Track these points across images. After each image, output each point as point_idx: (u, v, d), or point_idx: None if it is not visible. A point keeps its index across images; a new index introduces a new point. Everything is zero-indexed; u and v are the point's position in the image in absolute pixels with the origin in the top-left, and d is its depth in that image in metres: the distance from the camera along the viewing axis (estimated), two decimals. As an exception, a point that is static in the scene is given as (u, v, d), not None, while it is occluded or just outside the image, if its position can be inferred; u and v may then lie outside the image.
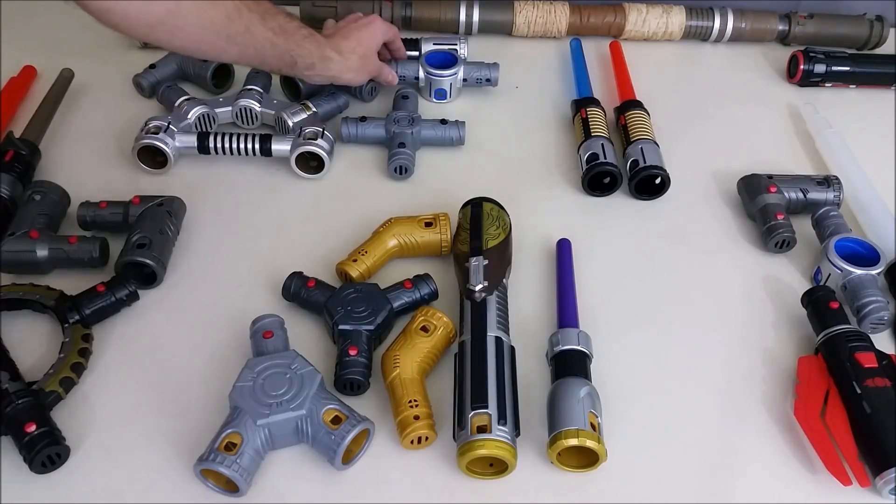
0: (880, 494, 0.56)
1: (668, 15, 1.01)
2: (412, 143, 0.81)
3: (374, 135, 0.82)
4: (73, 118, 0.85)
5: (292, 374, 0.57)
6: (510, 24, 1.00)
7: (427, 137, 0.83)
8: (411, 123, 0.82)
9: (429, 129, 0.83)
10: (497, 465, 0.56)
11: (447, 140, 0.83)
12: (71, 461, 0.55)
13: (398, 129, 0.81)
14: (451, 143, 0.83)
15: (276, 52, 0.73)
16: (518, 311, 0.67)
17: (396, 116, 0.83)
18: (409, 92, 0.88)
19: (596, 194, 0.80)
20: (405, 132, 0.81)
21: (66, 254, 0.67)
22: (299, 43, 0.74)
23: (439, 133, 0.83)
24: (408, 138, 0.81)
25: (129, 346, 0.64)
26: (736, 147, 0.87)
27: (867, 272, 0.68)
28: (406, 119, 0.82)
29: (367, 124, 0.82)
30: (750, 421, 0.61)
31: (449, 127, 0.83)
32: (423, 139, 0.83)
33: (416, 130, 0.81)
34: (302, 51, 0.75)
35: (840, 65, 0.96)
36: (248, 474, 0.53)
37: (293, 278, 0.66)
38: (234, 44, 0.70)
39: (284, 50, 0.73)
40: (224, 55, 0.72)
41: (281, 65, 0.75)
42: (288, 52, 0.74)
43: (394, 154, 0.79)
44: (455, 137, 0.83)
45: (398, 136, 0.81)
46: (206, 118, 0.82)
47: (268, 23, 0.71)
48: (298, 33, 0.74)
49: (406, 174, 0.79)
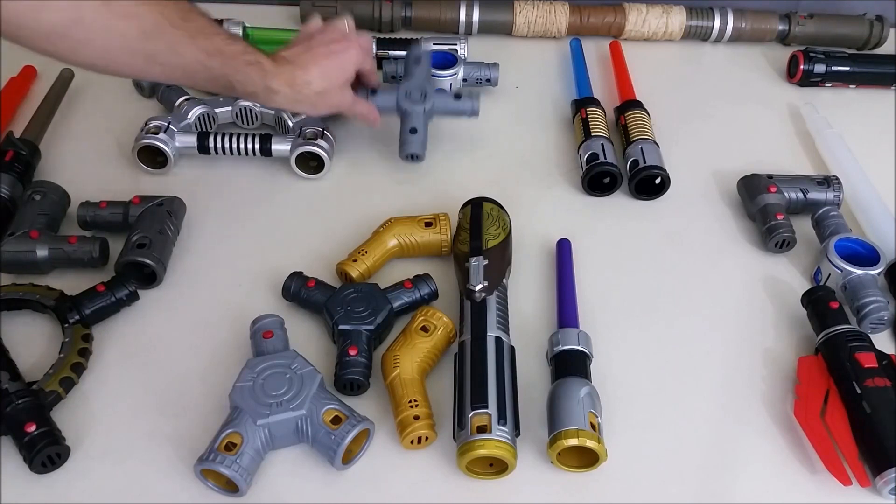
0: (880, 494, 0.56)
1: (668, 15, 1.01)
2: (424, 122, 0.78)
3: (384, 106, 0.79)
4: (73, 118, 0.85)
5: (292, 374, 0.57)
6: (510, 24, 1.00)
7: (440, 110, 0.80)
8: (423, 98, 0.79)
9: (442, 103, 0.80)
10: (497, 465, 0.56)
11: (461, 112, 0.81)
12: (71, 461, 0.55)
13: (409, 105, 0.78)
14: (466, 115, 0.81)
15: (210, 75, 0.64)
16: (518, 311, 0.67)
17: (408, 89, 0.79)
18: (420, 54, 0.83)
19: (596, 194, 0.80)
20: (417, 110, 0.78)
21: (66, 254, 0.67)
22: (239, 69, 0.65)
23: (452, 106, 0.80)
24: (420, 118, 0.78)
25: (129, 346, 0.63)
26: (736, 147, 0.87)
27: (867, 272, 0.68)
28: (418, 91, 0.79)
29: (376, 97, 0.79)
30: (750, 421, 0.61)
31: (463, 100, 0.80)
32: (436, 112, 0.80)
33: (428, 107, 0.78)
34: (242, 77, 0.66)
35: (840, 65, 0.96)
36: (248, 474, 0.53)
37: (293, 278, 0.66)
38: (155, 63, 0.61)
39: (220, 74, 0.64)
40: (145, 75, 0.64)
41: (217, 88, 0.67)
42: (224, 77, 0.65)
43: (406, 141, 0.78)
44: (468, 109, 0.80)
45: (409, 116, 0.78)
46: (206, 118, 0.82)
47: (199, 43, 0.62)
48: (240, 58, 0.65)
49: (417, 160, 0.79)
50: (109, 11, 0.56)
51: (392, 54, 0.92)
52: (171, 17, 0.60)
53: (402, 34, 0.99)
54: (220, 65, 0.64)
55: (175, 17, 0.60)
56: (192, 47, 0.62)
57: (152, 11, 0.58)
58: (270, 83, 0.67)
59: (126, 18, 0.57)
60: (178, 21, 0.60)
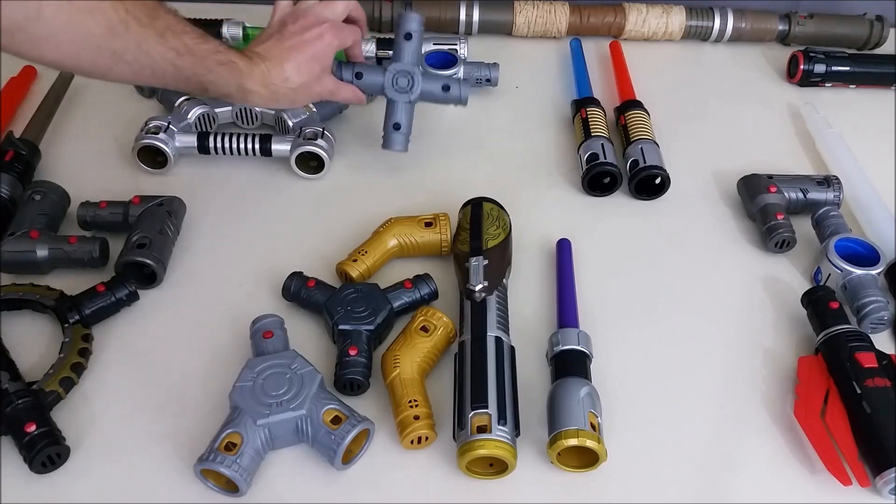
0: (880, 494, 0.56)
1: (668, 15, 1.01)
2: (408, 114, 0.77)
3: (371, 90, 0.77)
4: (73, 118, 0.85)
5: (292, 374, 0.57)
6: (510, 24, 1.00)
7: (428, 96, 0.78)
8: (410, 86, 0.76)
9: (429, 89, 0.77)
10: (497, 465, 0.56)
11: (449, 101, 0.79)
12: (71, 461, 0.55)
13: (395, 95, 0.76)
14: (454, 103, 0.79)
15: (180, 75, 0.62)
16: (518, 311, 0.67)
17: (395, 75, 0.76)
18: (412, 29, 0.77)
19: (596, 194, 0.80)
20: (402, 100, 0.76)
21: (66, 254, 0.67)
22: (210, 69, 0.63)
23: (439, 95, 0.78)
24: (405, 110, 0.77)
25: (129, 346, 0.63)
26: (736, 147, 0.87)
27: (867, 272, 0.68)
28: (405, 77, 0.76)
29: (362, 81, 0.76)
30: (750, 421, 0.61)
31: (452, 88, 0.78)
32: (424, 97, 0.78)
33: (414, 98, 0.77)
34: (214, 77, 0.64)
35: (840, 65, 0.96)
36: (248, 474, 0.53)
37: (293, 278, 0.66)
38: (122, 62, 0.59)
39: (190, 74, 0.63)
40: (113, 74, 0.61)
41: (189, 88, 0.65)
42: (195, 77, 0.63)
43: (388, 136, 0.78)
44: (456, 97, 0.78)
45: (395, 107, 0.77)
46: (206, 118, 0.82)
47: (168, 41, 0.60)
48: (212, 58, 0.63)
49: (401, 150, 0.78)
50: (72, 7, 0.55)
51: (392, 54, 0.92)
52: (136, 14, 0.58)
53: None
54: (191, 64, 0.62)
55: (141, 14, 0.59)
56: (161, 46, 0.60)
57: (116, 8, 0.57)
58: (245, 83, 0.66)
59: (89, 14, 0.56)
60: (144, 19, 0.59)
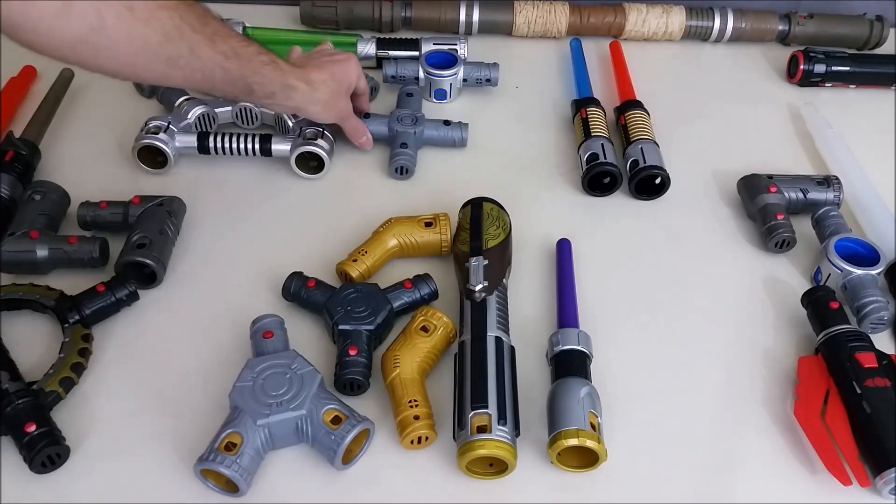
0: (880, 494, 0.56)
1: (668, 15, 1.01)
2: (414, 143, 0.81)
3: (377, 132, 0.82)
4: (73, 118, 0.85)
5: (292, 374, 0.57)
6: (510, 24, 1.00)
7: (430, 137, 0.83)
8: (414, 123, 0.82)
9: (432, 130, 0.82)
10: (497, 465, 0.56)
11: (449, 141, 0.83)
12: (71, 461, 0.55)
13: (401, 127, 0.81)
14: (454, 145, 0.83)
15: (229, 77, 0.65)
16: (518, 311, 0.67)
17: (400, 115, 0.82)
18: (413, 89, 0.87)
19: (596, 194, 0.80)
20: (408, 132, 0.81)
21: (66, 254, 0.67)
22: (256, 70, 0.67)
23: (442, 134, 0.83)
24: (410, 138, 0.81)
25: (129, 346, 0.63)
26: (736, 147, 0.87)
27: (867, 272, 0.68)
28: (409, 118, 0.82)
29: (370, 121, 0.82)
30: (750, 421, 0.61)
31: (452, 128, 0.83)
32: (425, 139, 0.83)
33: (419, 130, 0.81)
34: (259, 78, 0.67)
35: (840, 65, 0.96)
36: (248, 474, 0.53)
37: (293, 278, 0.66)
38: (176, 67, 0.61)
39: (238, 76, 0.66)
40: (166, 79, 0.63)
41: (235, 91, 0.68)
42: (242, 79, 0.66)
43: (396, 154, 0.79)
44: (458, 139, 0.83)
45: (401, 136, 0.81)
46: (206, 118, 0.82)
47: (217, 46, 0.63)
48: (256, 59, 0.67)
49: (407, 175, 0.79)
50: (132, 17, 0.56)
51: (392, 54, 0.93)
52: (189, 20, 0.60)
53: (402, 34, 0.99)
54: (238, 66, 0.65)
55: (194, 20, 0.61)
56: (211, 50, 0.62)
57: (172, 16, 0.59)
58: (288, 80, 0.70)
59: (146, 22, 0.57)
60: (196, 25, 0.61)
